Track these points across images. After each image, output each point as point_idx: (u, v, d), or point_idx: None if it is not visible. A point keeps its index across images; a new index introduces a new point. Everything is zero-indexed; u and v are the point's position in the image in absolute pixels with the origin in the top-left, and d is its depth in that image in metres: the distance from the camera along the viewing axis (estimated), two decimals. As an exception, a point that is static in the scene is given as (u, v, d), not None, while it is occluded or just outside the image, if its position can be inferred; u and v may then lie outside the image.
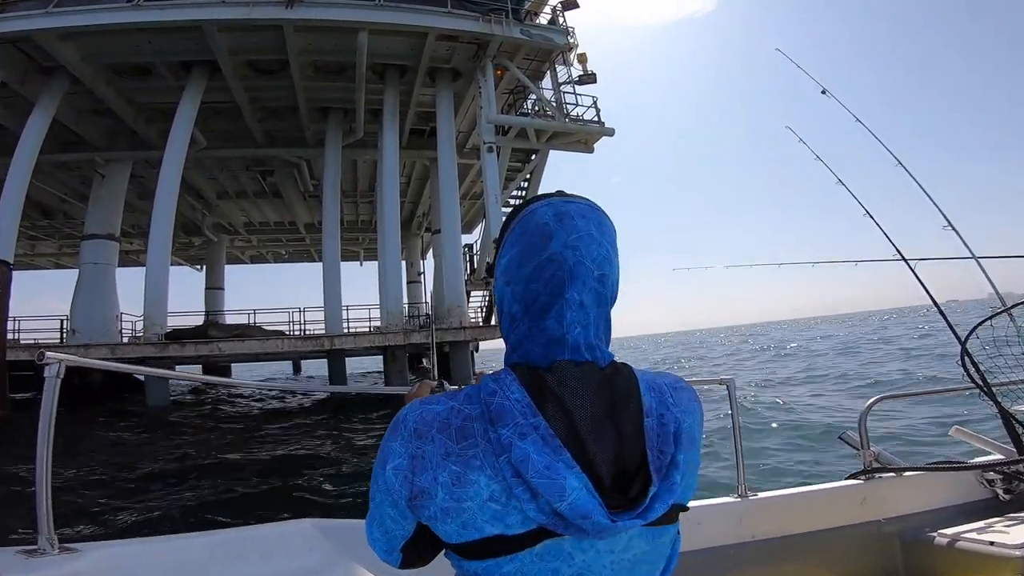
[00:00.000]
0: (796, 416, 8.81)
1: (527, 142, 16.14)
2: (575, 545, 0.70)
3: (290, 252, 31.92)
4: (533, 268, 0.76)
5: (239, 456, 8.00)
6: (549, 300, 0.75)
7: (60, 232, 24.10)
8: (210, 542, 1.33)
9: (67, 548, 1.17)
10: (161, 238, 14.04)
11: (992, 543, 1.52)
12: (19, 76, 14.25)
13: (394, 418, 0.78)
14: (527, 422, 0.69)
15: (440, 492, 0.71)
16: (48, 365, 1.19)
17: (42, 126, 14.18)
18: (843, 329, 53.49)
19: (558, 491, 0.65)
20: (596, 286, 0.76)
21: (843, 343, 29.05)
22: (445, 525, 0.71)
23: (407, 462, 0.73)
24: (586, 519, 0.65)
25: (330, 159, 17.11)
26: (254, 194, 23.30)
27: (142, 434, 10.39)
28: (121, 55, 13.87)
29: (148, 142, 17.43)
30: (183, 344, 13.03)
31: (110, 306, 17.20)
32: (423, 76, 15.67)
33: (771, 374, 16.65)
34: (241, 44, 13.88)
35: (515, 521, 0.68)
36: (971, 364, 1.98)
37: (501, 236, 0.83)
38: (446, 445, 0.71)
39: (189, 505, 5.52)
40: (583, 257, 0.75)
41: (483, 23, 14.19)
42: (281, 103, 16.98)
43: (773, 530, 1.69)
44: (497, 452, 0.69)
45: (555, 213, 0.77)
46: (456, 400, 0.75)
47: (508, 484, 0.68)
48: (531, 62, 16.02)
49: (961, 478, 1.95)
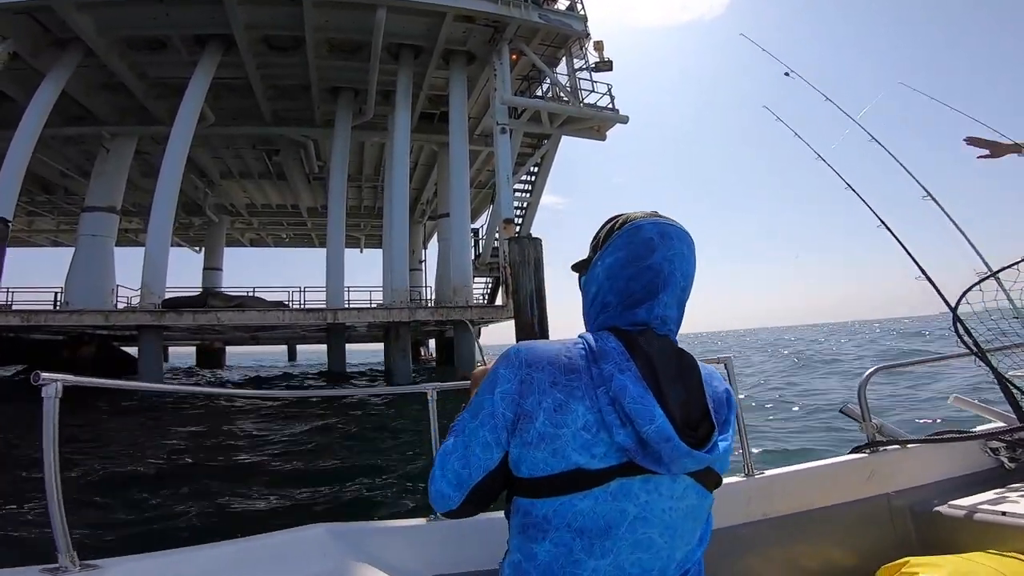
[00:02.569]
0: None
1: (540, 126, 16.24)
2: (642, 486, 0.83)
3: (291, 236, 31.80)
4: (635, 271, 0.92)
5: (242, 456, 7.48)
6: (643, 298, 0.92)
7: (59, 208, 23.84)
8: (223, 553, 1.33)
9: (88, 565, 1.18)
10: (164, 208, 13.96)
11: (1004, 513, 1.52)
12: (32, 47, 14.12)
13: (504, 353, 0.91)
14: (624, 363, 0.85)
15: (542, 416, 0.83)
16: (44, 386, 1.15)
17: (51, 97, 14.08)
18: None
19: (648, 415, 0.80)
20: (680, 294, 0.94)
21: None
22: (537, 451, 0.83)
23: (516, 387, 0.86)
24: (668, 442, 0.79)
25: (339, 139, 17.10)
26: (258, 175, 23.21)
27: (146, 423, 9.99)
28: (138, 27, 13.77)
29: (156, 118, 17.32)
30: (180, 313, 12.75)
31: (106, 279, 16.97)
32: (438, 58, 15.71)
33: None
34: (258, 19, 13.84)
35: (600, 452, 0.82)
36: (964, 331, 1.95)
37: (601, 239, 0.99)
38: (554, 375, 0.85)
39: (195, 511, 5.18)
40: (676, 270, 0.93)
41: (501, 5, 14.25)
42: (292, 81, 16.92)
43: (783, 508, 1.68)
44: (597, 384, 0.84)
45: (660, 232, 0.94)
46: (563, 345, 0.90)
47: (602, 414, 0.82)
48: (547, 47, 16.11)
49: (965, 448, 1.94)
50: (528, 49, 15.46)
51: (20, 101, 15.21)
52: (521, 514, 0.86)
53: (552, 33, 15.61)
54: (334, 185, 16.58)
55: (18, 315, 12.77)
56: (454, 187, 15.26)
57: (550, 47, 16.23)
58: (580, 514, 0.81)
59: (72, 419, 9.19)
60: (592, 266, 0.99)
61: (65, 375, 1.18)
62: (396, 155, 15.19)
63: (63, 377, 1.17)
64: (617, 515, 0.82)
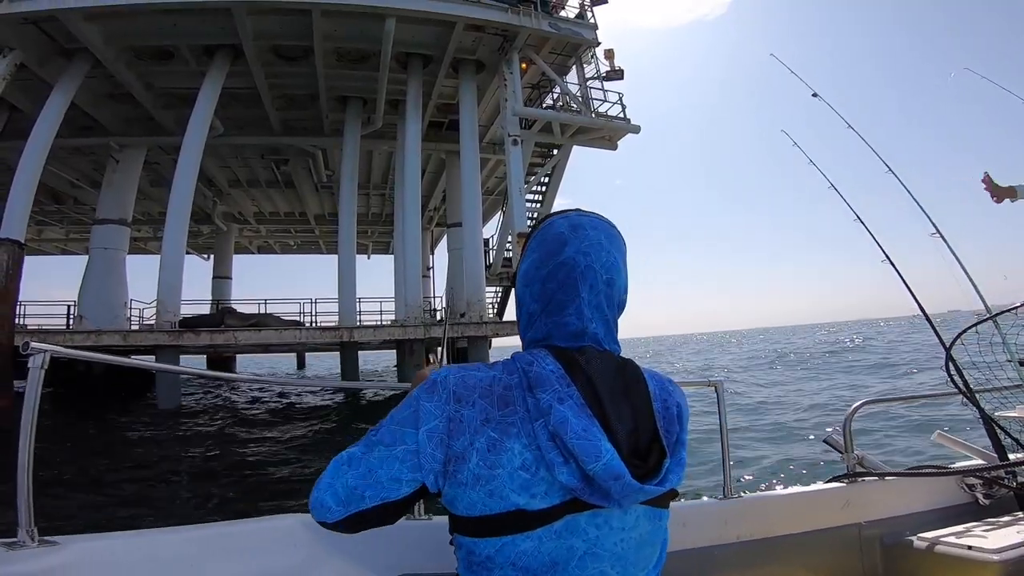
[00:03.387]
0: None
1: (550, 136, 16.02)
2: (590, 521, 0.75)
3: (299, 243, 31.70)
4: (549, 270, 0.86)
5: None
6: (564, 298, 0.84)
7: (69, 217, 23.84)
8: (192, 537, 1.29)
9: (47, 541, 1.15)
10: (177, 223, 13.80)
11: (970, 547, 1.53)
12: (39, 58, 14.03)
13: (429, 379, 0.81)
14: (563, 390, 0.75)
15: (475, 457, 0.75)
16: (32, 356, 1.13)
17: (60, 108, 13.94)
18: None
19: (594, 452, 0.71)
20: (605, 288, 0.86)
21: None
22: (473, 492, 0.75)
23: (444, 425, 0.77)
24: (618, 479, 0.71)
25: (348, 148, 16.94)
26: (266, 183, 23.11)
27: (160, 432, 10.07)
28: (146, 37, 13.64)
29: (164, 128, 17.25)
30: (198, 333, 12.81)
31: (119, 293, 16.92)
32: (447, 67, 15.52)
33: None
34: (267, 28, 13.69)
35: (540, 492, 0.73)
36: (955, 370, 1.99)
37: (523, 247, 0.93)
38: (487, 411, 0.76)
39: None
40: (593, 262, 0.85)
41: (512, 14, 14.07)
42: (300, 91, 16.78)
43: (757, 531, 1.71)
44: (534, 417, 0.75)
45: (570, 224, 0.88)
46: (495, 370, 0.81)
47: (541, 452, 0.73)
48: (557, 56, 15.89)
49: (943, 483, 1.97)
50: (538, 58, 15.24)
51: (28, 112, 15.17)
52: (465, 551, 0.80)
53: (562, 42, 15.38)
54: (344, 198, 16.45)
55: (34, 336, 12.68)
56: (466, 199, 15.03)
57: (560, 56, 15.99)
58: (524, 554, 0.74)
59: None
60: (515, 277, 0.94)
61: (55, 346, 1.17)
62: (408, 168, 14.99)
63: (51, 348, 1.15)
64: (564, 552, 0.75)
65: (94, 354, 1.36)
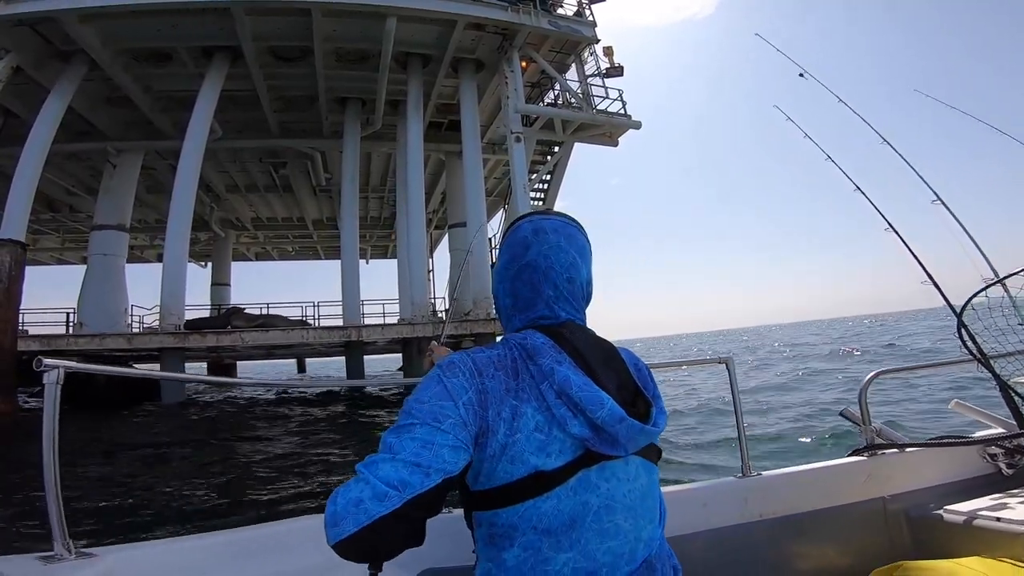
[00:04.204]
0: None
1: (552, 134, 15.98)
2: (599, 475, 0.82)
3: (296, 249, 31.49)
4: (516, 271, 0.96)
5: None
6: (532, 296, 0.94)
7: (64, 226, 23.55)
8: (219, 542, 1.34)
9: (84, 553, 1.17)
10: (179, 227, 13.71)
11: (999, 519, 1.52)
12: (35, 61, 13.88)
13: (445, 360, 0.85)
14: (558, 355, 0.84)
15: (502, 427, 0.80)
16: (47, 372, 1.16)
17: (58, 112, 13.80)
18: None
19: (598, 400, 0.79)
20: (567, 285, 0.95)
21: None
22: (499, 464, 0.79)
23: (476, 397, 0.81)
24: (623, 422, 0.79)
25: (349, 150, 16.86)
26: (264, 188, 22.96)
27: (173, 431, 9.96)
28: (143, 39, 13.52)
29: (162, 132, 17.11)
30: (203, 334, 12.66)
31: (119, 299, 16.72)
32: (447, 66, 15.47)
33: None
34: (266, 29, 13.59)
35: (555, 451, 0.80)
36: (968, 336, 1.93)
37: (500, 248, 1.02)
38: (506, 382, 0.83)
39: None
40: (553, 263, 0.94)
41: (512, 12, 14.05)
42: (299, 92, 16.69)
43: (779, 509, 1.69)
44: (539, 380, 0.82)
45: (534, 228, 0.96)
46: (497, 349, 0.88)
47: (551, 410, 0.80)
48: (556, 54, 15.88)
49: (964, 453, 1.93)
50: (538, 56, 15.22)
51: (24, 117, 14.99)
52: (486, 526, 0.84)
53: (562, 40, 15.38)
54: (346, 198, 16.35)
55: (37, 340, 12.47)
56: (470, 198, 14.93)
57: (559, 53, 15.99)
58: (544, 515, 0.79)
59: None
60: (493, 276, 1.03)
61: (68, 361, 1.18)
62: (410, 167, 14.90)
63: (65, 364, 1.16)
64: (580, 508, 0.80)
65: (107, 367, 1.38)
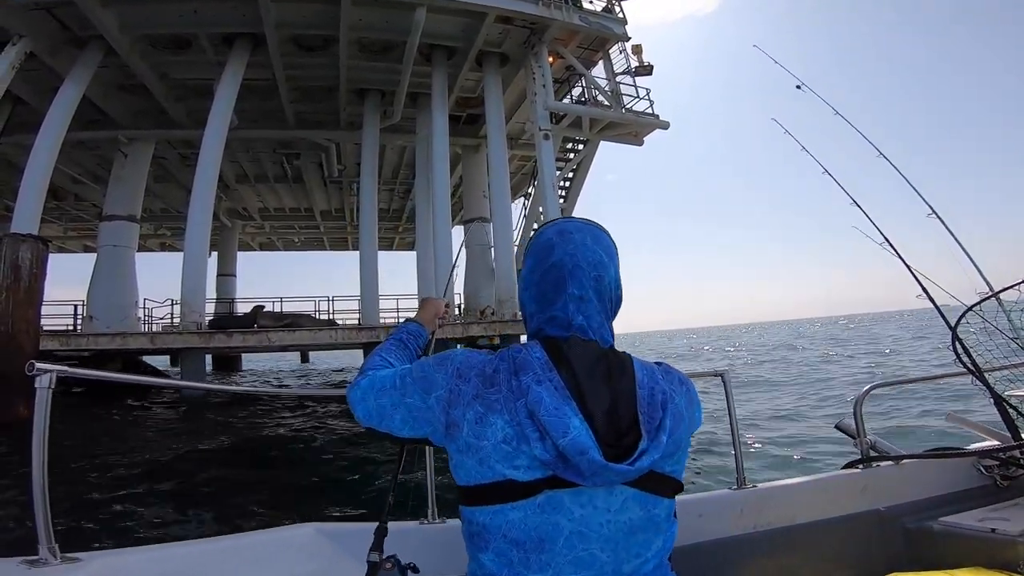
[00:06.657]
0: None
1: (578, 132, 15.71)
2: (573, 499, 0.80)
3: (302, 240, 31.06)
4: (541, 273, 0.97)
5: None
6: (554, 295, 0.94)
7: (68, 214, 22.98)
8: (210, 549, 1.31)
9: (69, 557, 1.15)
10: (200, 220, 13.27)
11: (994, 530, 1.53)
12: (50, 47, 13.36)
13: (444, 352, 0.95)
14: (544, 374, 0.83)
15: (465, 427, 0.84)
16: (39, 376, 1.13)
17: (72, 99, 13.30)
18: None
19: (563, 428, 0.77)
20: (594, 284, 0.94)
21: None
22: (467, 459, 0.84)
23: (446, 395, 0.88)
24: (583, 455, 0.76)
25: (368, 142, 16.48)
26: (274, 178, 22.56)
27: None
28: (163, 25, 13.07)
29: (175, 121, 16.68)
30: (230, 334, 12.33)
31: (130, 291, 16.25)
32: (472, 60, 15.14)
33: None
34: (291, 17, 13.19)
35: (522, 465, 0.80)
36: (962, 350, 1.95)
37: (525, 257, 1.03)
38: (477, 388, 0.86)
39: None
40: (580, 261, 0.94)
41: (543, 7, 13.72)
42: (317, 83, 16.26)
43: (774, 520, 1.68)
44: (516, 396, 0.82)
45: (558, 231, 0.98)
46: (492, 356, 0.91)
47: (521, 427, 0.80)
48: (583, 50, 15.58)
49: (959, 465, 1.95)
50: (567, 52, 14.93)
51: (34, 104, 14.50)
52: (467, 523, 0.88)
53: (591, 36, 15.07)
54: (365, 192, 16.01)
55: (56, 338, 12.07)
56: (495, 194, 14.65)
57: (587, 50, 15.69)
58: (512, 525, 0.81)
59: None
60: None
61: (60, 366, 1.16)
62: (436, 161, 14.54)
63: (57, 368, 1.15)
64: (550, 529, 0.80)
65: (98, 372, 1.34)
